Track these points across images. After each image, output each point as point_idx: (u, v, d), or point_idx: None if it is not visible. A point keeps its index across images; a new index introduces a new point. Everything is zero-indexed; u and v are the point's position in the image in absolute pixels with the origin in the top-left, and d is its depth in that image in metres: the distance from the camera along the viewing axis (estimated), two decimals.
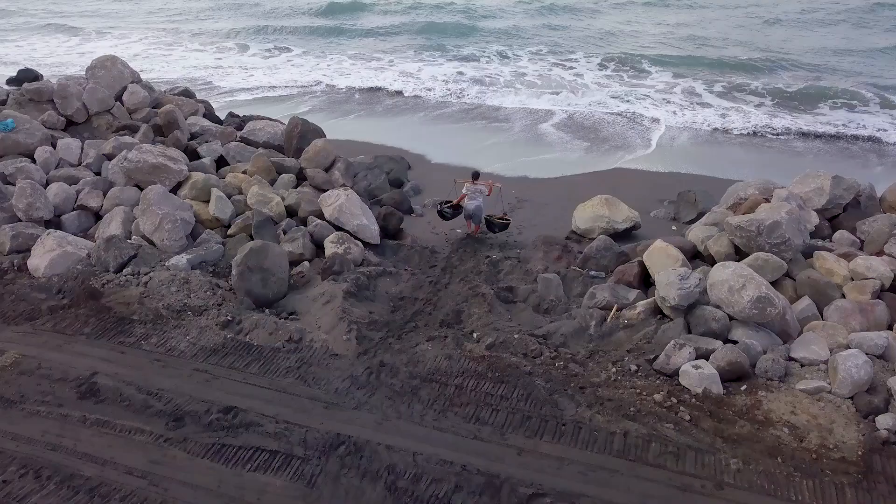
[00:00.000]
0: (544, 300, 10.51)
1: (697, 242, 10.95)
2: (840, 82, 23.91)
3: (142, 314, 9.56)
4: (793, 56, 28.08)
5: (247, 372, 8.45)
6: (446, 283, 11.02)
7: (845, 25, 32.81)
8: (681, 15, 37.06)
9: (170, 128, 15.31)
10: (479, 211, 12.78)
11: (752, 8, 37.60)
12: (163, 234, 11.11)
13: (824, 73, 25.56)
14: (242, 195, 12.66)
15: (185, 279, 10.26)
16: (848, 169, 15.96)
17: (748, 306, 8.60)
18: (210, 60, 31.30)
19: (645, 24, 35.65)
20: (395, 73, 27.63)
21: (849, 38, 30.34)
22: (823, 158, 18.15)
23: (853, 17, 34.01)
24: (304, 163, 14.04)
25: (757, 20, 35.09)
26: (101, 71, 16.32)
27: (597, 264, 11.40)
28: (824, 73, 25.65)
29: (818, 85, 23.92)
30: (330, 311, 9.59)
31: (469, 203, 12.73)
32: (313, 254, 11.43)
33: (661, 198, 15.69)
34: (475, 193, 12.69)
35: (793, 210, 10.15)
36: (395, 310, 10.22)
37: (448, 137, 20.20)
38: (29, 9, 46.14)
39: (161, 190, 11.50)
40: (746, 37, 31.86)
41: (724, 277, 8.94)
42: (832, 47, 29.05)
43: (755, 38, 31.44)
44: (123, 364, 8.57)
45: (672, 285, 9.22)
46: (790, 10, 36.15)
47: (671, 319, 9.37)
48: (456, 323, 9.84)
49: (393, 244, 12.40)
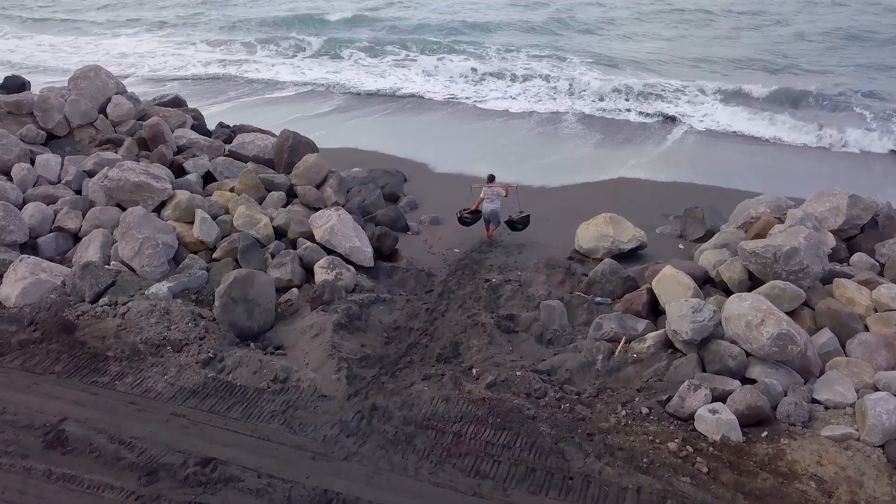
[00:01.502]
0: (547, 329, 9.91)
1: (709, 268, 10.36)
2: (865, 99, 22.50)
3: (118, 350, 8.94)
4: (807, 65, 27.14)
5: (228, 417, 7.83)
6: (443, 311, 10.40)
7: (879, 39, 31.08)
8: (698, 25, 35.86)
9: (155, 141, 14.68)
10: (496, 213, 13.08)
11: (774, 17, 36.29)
12: (143, 260, 10.49)
13: (843, 85, 24.18)
14: (229, 215, 12.04)
15: (166, 309, 9.64)
16: (863, 182, 15.47)
17: (768, 344, 8.01)
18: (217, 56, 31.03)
19: (654, 28, 34.92)
20: (395, 76, 27.29)
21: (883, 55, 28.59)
22: (835, 169, 17.62)
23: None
24: (294, 179, 13.43)
25: (777, 27, 33.99)
26: (84, 81, 15.67)
27: (602, 289, 10.81)
28: (843, 84, 24.28)
29: (829, 95, 22.98)
30: (319, 345, 8.97)
31: (487, 206, 12.98)
32: (303, 279, 10.82)
33: (666, 211, 15.15)
34: (493, 196, 12.95)
35: (811, 235, 9.56)
36: (389, 341, 9.62)
37: (447, 142, 19.75)
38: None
39: (141, 212, 10.86)
40: (764, 43, 30.98)
41: (741, 311, 8.35)
42: (859, 61, 27.37)
43: (775, 46, 30.50)
44: (95, 407, 7.95)
45: (684, 318, 8.63)
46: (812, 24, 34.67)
47: (683, 354, 8.78)
48: (454, 357, 9.24)
49: (387, 267, 11.79)
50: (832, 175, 16.92)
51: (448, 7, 40.59)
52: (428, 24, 35.68)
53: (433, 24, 35.64)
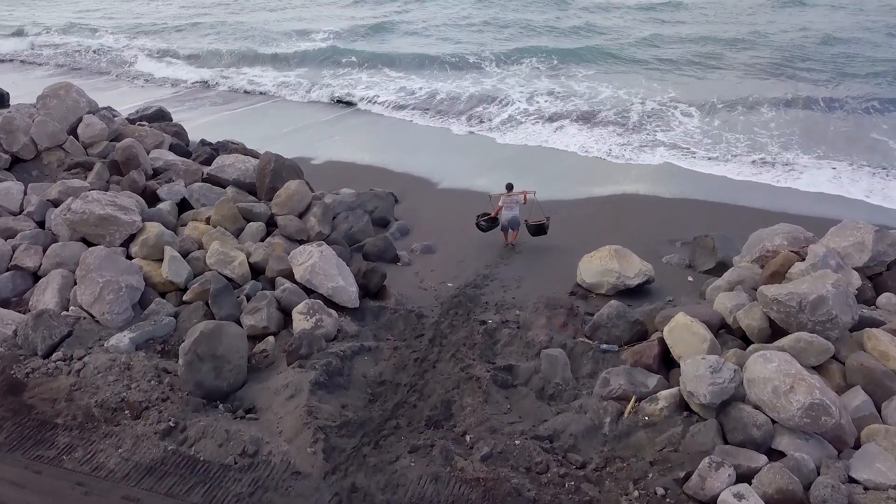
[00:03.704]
0: (549, 383, 9.00)
1: (725, 313, 9.44)
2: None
3: (69, 415, 8.00)
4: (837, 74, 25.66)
5: (188, 502, 6.89)
6: (434, 361, 9.48)
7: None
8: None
9: (128, 165, 13.75)
10: (516, 220, 13.28)
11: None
12: (103, 307, 9.54)
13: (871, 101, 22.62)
14: (203, 250, 11.10)
15: (127, 364, 8.70)
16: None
17: (799, 414, 7.09)
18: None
19: (663, 33, 33.81)
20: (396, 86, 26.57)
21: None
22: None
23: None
24: (275, 208, 12.50)
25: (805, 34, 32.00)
26: (54, 100, 14.77)
27: (608, 334, 9.89)
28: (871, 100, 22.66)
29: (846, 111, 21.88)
30: (294, 409, 8.03)
31: (506, 213, 13.21)
32: (280, 325, 9.87)
33: (672, 236, 14.31)
34: (512, 204, 13.17)
35: (840, 281, 8.65)
36: (374, 399, 8.69)
37: (447, 157, 19.13)
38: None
39: (102, 253, 9.91)
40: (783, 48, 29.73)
41: (767, 375, 7.43)
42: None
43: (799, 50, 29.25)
44: (37, 490, 7.01)
45: (702, 379, 7.72)
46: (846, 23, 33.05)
47: (701, 418, 7.87)
48: (445, 419, 8.31)
49: (374, 307, 10.85)
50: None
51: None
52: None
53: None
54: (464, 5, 42.24)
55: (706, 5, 39.38)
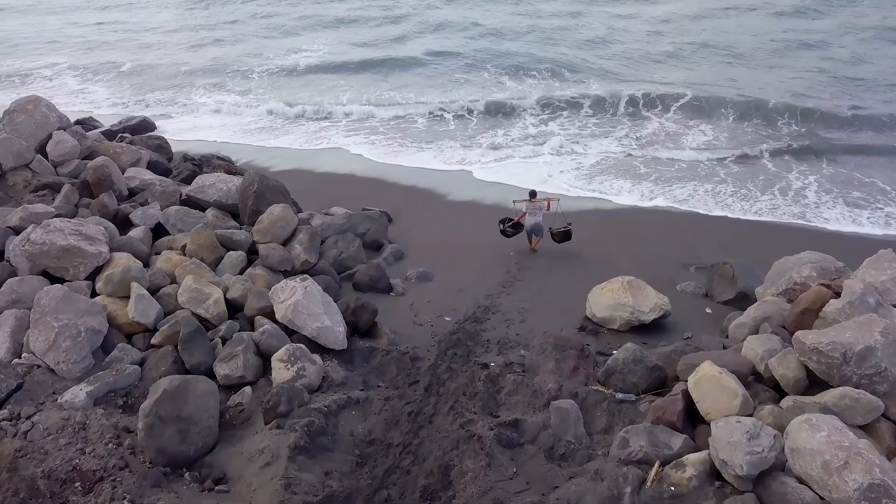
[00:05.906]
0: (560, 441, 7.99)
1: (756, 360, 8.44)
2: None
3: (9, 489, 6.94)
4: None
5: None
6: (431, 415, 8.46)
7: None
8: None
9: (100, 186, 12.75)
10: (540, 226, 13.43)
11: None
12: (58, 355, 8.49)
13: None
14: (176, 285, 10.07)
15: (82, 423, 7.67)
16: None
17: (856, 497, 6.09)
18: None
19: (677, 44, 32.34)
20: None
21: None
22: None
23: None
24: (257, 236, 11.46)
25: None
26: (21, 116, 13.78)
27: (624, 382, 8.89)
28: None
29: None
30: (270, 481, 6.99)
31: (530, 219, 13.40)
32: (258, 372, 8.83)
33: (686, 260, 13.42)
34: (535, 210, 13.34)
35: (889, 328, 7.66)
36: (362, 463, 7.66)
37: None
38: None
39: (59, 293, 8.87)
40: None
41: (815, 446, 6.43)
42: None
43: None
44: None
45: (737, 446, 6.72)
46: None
47: (736, 490, 6.87)
48: (443, 489, 7.29)
49: (364, 347, 9.82)
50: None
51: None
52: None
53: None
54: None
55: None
